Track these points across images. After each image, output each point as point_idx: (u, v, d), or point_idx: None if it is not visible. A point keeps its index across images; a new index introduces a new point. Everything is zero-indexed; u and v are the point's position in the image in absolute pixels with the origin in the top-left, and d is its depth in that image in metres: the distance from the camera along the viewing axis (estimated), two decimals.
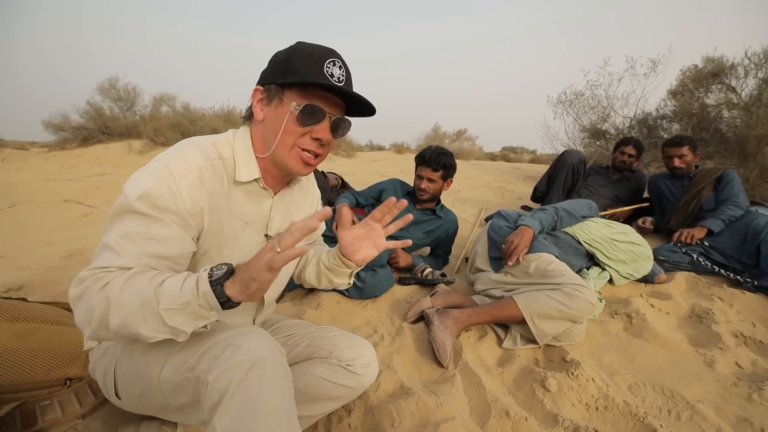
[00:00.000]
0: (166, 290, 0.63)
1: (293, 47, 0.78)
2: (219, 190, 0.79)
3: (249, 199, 0.85)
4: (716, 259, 2.27)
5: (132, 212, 0.69)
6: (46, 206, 3.64)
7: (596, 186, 3.23)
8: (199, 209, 0.75)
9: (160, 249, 0.71)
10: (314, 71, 0.75)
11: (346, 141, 9.26)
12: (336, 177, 3.22)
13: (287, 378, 0.69)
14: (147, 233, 0.69)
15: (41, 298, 1.63)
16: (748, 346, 1.54)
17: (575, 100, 6.99)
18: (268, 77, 0.79)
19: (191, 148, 0.77)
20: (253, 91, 0.81)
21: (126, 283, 0.64)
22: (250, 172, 0.82)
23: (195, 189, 0.74)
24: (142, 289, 0.63)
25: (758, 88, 4.84)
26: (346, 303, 1.78)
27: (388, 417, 1.08)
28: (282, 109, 0.77)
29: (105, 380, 0.85)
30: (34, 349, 1.02)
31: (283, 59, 0.77)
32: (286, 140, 0.78)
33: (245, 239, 0.86)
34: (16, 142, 9.81)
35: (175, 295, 0.63)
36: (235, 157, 0.82)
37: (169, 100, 9.01)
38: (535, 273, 1.60)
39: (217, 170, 0.79)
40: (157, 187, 0.70)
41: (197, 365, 0.69)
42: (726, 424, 1.12)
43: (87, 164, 6.16)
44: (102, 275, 0.66)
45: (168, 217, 0.71)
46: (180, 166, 0.73)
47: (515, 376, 1.33)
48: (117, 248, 0.68)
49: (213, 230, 0.80)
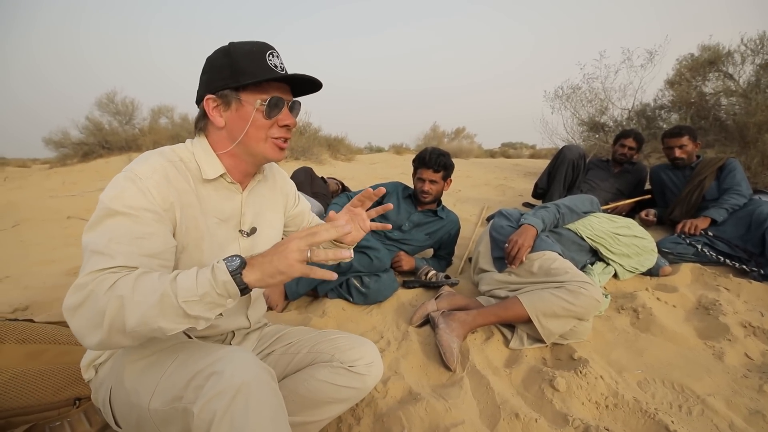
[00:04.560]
0: (181, 284, 0.64)
1: (229, 50, 0.81)
2: (186, 186, 0.82)
3: (219, 196, 0.88)
4: (721, 248, 2.25)
5: (110, 215, 0.71)
6: (49, 224, 3.66)
7: (597, 180, 3.21)
8: (170, 204, 0.77)
9: (147, 247, 0.72)
10: (261, 68, 0.79)
11: (345, 144, 9.27)
12: (336, 182, 3.22)
13: (275, 398, 0.68)
14: (131, 233, 0.70)
15: (47, 318, 1.63)
16: (757, 337, 1.53)
17: (572, 94, 6.96)
18: (217, 84, 0.81)
19: (153, 155, 0.81)
20: (204, 101, 0.83)
21: (136, 282, 0.64)
22: (215, 169, 0.86)
23: (162, 186, 0.77)
24: (155, 287, 0.64)
25: (756, 75, 4.82)
26: (351, 309, 1.78)
27: (398, 423, 1.08)
28: (244, 110, 0.81)
29: (104, 409, 0.85)
30: (43, 370, 1.02)
31: (226, 64, 0.80)
32: (258, 135, 0.83)
33: (222, 235, 0.89)
34: (17, 160, 9.89)
35: (192, 288, 0.64)
36: (197, 159, 0.85)
37: (168, 112, 9.08)
38: (539, 271, 1.59)
39: (181, 170, 0.82)
40: (127, 190, 0.73)
41: (183, 395, 0.69)
42: (738, 417, 1.11)
43: (88, 179, 6.19)
44: (106, 276, 0.65)
45: (144, 215, 0.72)
46: (144, 169, 0.76)
47: (523, 376, 1.33)
48: (107, 251, 0.67)
49: (188, 226, 0.82)
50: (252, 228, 0.95)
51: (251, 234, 0.94)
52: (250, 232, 0.94)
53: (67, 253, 2.77)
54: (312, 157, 7.69)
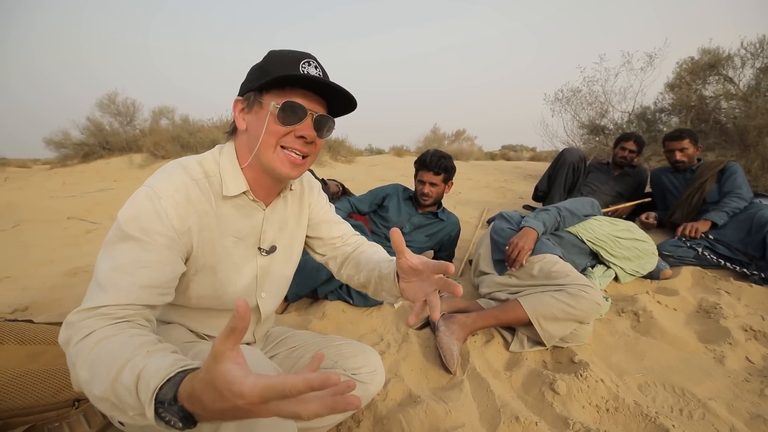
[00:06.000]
0: (124, 399, 0.53)
1: (267, 55, 0.79)
2: (207, 207, 0.79)
3: (239, 213, 0.85)
4: (721, 252, 2.25)
5: (123, 239, 0.69)
6: (49, 224, 3.65)
7: (597, 183, 3.21)
8: (187, 228, 0.75)
9: (151, 277, 0.69)
10: (289, 70, 0.74)
11: (345, 146, 9.28)
12: (337, 184, 3.22)
13: None
14: (138, 261, 0.69)
15: (47, 318, 1.63)
16: (758, 340, 1.53)
17: (572, 97, 6.98)
18: (246, 87, 0.80)
19: (176, 169, 0.78)
20: (233, 104, 0.81)
21: (91, 353, 0.58)
22: (238, 185, 0.82)
23: (182, 207, 0.74)
24: (101, 375, 0.56)
25: (756, 78, 4.83)
26: (351, 311, 1.78)
27: (398, 426, 1.08)
28: (262, 112, 0.77)
29: None
30: (42, 371, 1.02)
31: (258, 67, 0.79)
32: (269, 141, 0.77)
33: (238, 255, 0.86)
34: (18, 161, 9.88)
35: (135, 407, 0.53)
36: (222, 173, 0.82)
37: (168, 113, 9.08)
38: (539, 274, 1.59)
39: (204, 189, 0.79)
40: (144, 209, 0.71)
41: None
42: (739, 422, 1.11)
43: (88, 180, 6.19)
44: (84, 325, 0.61)
45: (157, 240, 0.71)
46: (166, 186, 0.74)
47: (524, 379, 1.32)
48: (105, 283, 0.66)
49: (204, 249, 0.80)
50: (272, 246, 0.92)
51: (270, 252, 0.91)
52: (269, 250, 0.91)
53: (66, 254, 2.76)
54: None
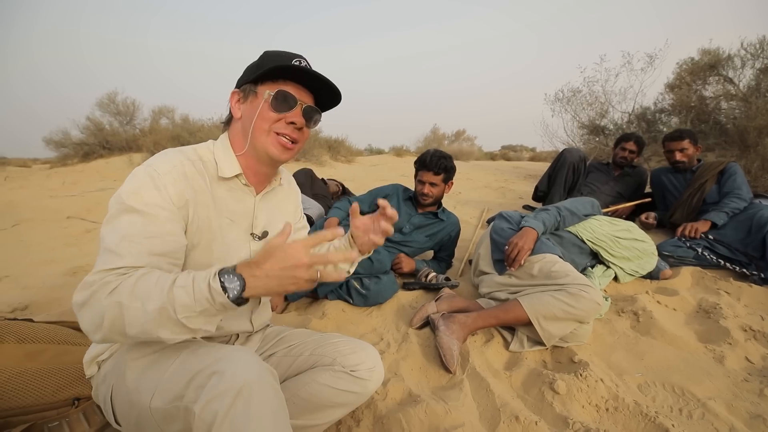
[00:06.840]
0: (179, 300, 0.65)
1: (262, 54, 0.89)
2: (203, 185, 0.84)
3: (233, 196, 0.90)
4: (721, 252, 2.25)
5: (126, 211, 0.73)
6: (49, 224, 3.65)
7: (597, 183, 3.22)
8: (185, 201, 0.80)
9: (159, 246, 0.74)
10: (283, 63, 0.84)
11: (345, 146, 9.28)
12: (336, 184, 3.23)
13: (277, 399, 0.68)
14: (144, 231, 0.72)
15: (46, 318, 1.63)
16: (757, 340, 1.53)
17: (572, 97, 6.97)
18: (242, 80, 0.89)
19: (174, 151, 0.84)
20: (230, 95, 0.90)
21: (135, 286, 0.66)
22: (232, 168, 0.88)
23: (180, 183, 0.79)
24: (152, 295, 0.65)
25: (756, 79, 4.83)
26: (351, 311, 1.78)
27: (397, 425, 1.08)
28: (257, 101, 0.85)
29: (105, 407, 0.85)
30: (42, 370, 1.02)
31: (254, 64, 0.88)
32: (262, 126, 0.85)
33: (232, 236, 0.90)
34: (18, 160, 9.88)
35: (190, 305, 0.65)
36: (216, 158, 0.88)
37: (168, 113, 9.08)
38: (539, 274, 1.59)
39: (199, 169, 0.85)
40: (144, 186, 0.75)
41: (185, 394, 0.69)
42: (739, 421, 1.11)
43: (88, 179, 6.19)
44: (109, 279, 0.67)
45: (159, 213, 0.75)
46: (164, 164, 0.79)
47: (523, 379, 1.32)
48: (118, 250, 0.70)
49: (200, 226, 0.83)
50: (264, 232, 0.96)
51: (263, 238, 0.95)
52: (261, 235, 0.95)
53: (66, 253, 2.76)
54: (312, 159, 7.70)
